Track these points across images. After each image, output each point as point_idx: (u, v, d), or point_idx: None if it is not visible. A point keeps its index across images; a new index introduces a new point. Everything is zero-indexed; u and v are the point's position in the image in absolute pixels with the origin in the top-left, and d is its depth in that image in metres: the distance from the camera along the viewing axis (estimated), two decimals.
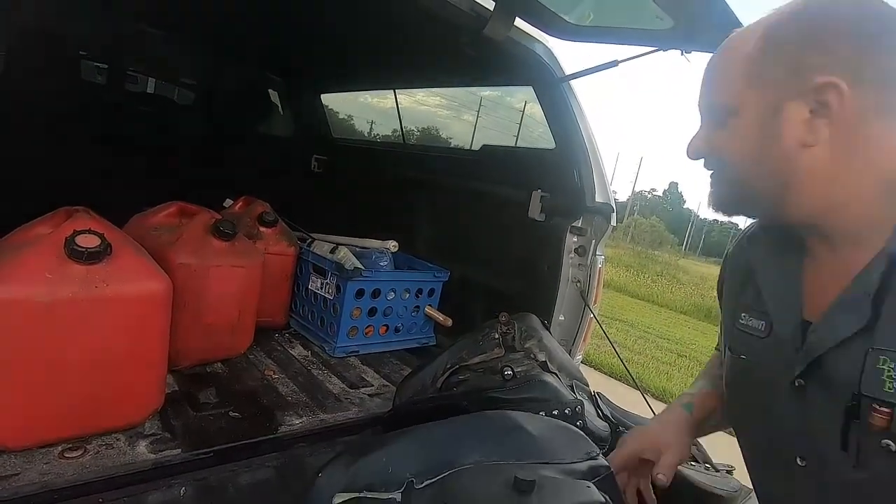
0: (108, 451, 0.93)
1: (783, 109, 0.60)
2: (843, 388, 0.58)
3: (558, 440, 0.77)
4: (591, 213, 1.65)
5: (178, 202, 1.38)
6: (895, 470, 0.55)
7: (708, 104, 0.68)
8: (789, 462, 0.67)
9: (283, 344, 1.62)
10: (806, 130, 0.60)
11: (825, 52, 0.58)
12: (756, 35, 0.63)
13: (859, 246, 0.61)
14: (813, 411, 0.63)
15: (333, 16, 1.96)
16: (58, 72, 2.22)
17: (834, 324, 0.61)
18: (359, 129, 3.61)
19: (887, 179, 0.59)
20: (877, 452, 0.55)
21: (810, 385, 0.63)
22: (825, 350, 0.61)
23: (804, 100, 0.59)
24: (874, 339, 0.56)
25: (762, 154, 0.62)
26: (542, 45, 1.62)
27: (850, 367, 0.58)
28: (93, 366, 0.91)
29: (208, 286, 1.29)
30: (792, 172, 0.61)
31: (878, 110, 0.59)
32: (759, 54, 0.62)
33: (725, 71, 0.65)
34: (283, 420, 1.16)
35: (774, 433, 0.70)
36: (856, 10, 0.60)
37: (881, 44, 0.58)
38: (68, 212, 0.97)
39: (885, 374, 0.54)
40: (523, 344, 1.18)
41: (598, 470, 0.74)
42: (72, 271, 0.87)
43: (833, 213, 0.62)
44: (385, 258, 1.76)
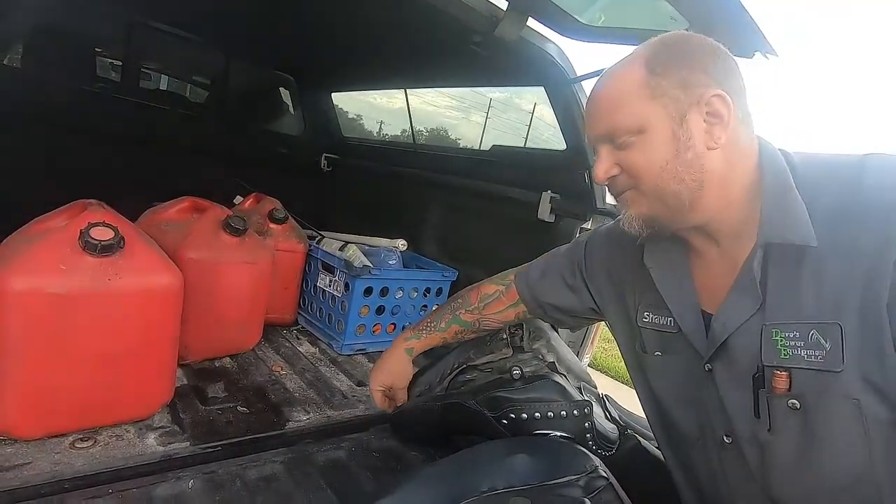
0: (117, 443, 0.94)
1: (687, 118, 0.68)
2: (748, 363, 0.69)
3: (559, 459, 0.78)
4: (601, 215, 1.65)
5: (190, 197, 1.39)
6: (802, 424, 0.64)
7: (608, 131, 0.73)
8: (717, 441, 0.75)
9: (290, 340, 1.63)
10: (708, 136, 0.68)
11: (702, 70, 0.68)
12: (638, 64, 0.70)
13: (740, 240, 0.71)
14: (725, 390, 0.72)
15: (345, 15, 1.97)
16: (73, 68, 2.25)
17: (733, 311, 0.70)
18: (368, 128, 3.62)
19: (751, 179, 0.70)
20: (785, 412, 0.65)
21: (717, 367, 0.73)
22: (728, 335, 0.70)
23: (699, 110, 0.68)
24: (765, 317, 0.67)
25: (677, 158, 0.69)
26: (554, 45, 1.61)
27: (750, 345, 0.68)
28: (104, 358, 0.92)
29: (218, 281, 1.30)
30: (704, 172, 0.69)
31: (741, 118, 0.69)
32: (650, 77, 0.69)
33: (620, 99, 0.71)
34: (291, 416, 1.17)
35: (702, 417, 0.78)
36: (704, 40, 0.71)
37: (729, 63, 0.70)
38: (83, 204, 0.98)
39: (779, 343, 0.65)
40: (531, 345, 1.18)
41: (595, 484, 0.74)
42: (85, 263, 0.88)
43: (723, 212, 0.71)
44: (394, 257, 1.76)
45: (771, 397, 0.66)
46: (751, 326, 0.68)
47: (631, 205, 0.75)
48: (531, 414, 0.94)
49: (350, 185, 2.76)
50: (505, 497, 0.72)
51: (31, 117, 1.99)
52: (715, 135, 0.68)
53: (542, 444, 0.88)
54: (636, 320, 0.86)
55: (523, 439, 0.91)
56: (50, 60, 2.08)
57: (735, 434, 0.72)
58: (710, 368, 0.73)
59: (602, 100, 0.75)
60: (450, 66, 2.20)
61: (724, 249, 0.74)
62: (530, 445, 0.84)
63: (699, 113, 0.68)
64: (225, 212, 1.36)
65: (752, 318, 0.68)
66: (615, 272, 0.93)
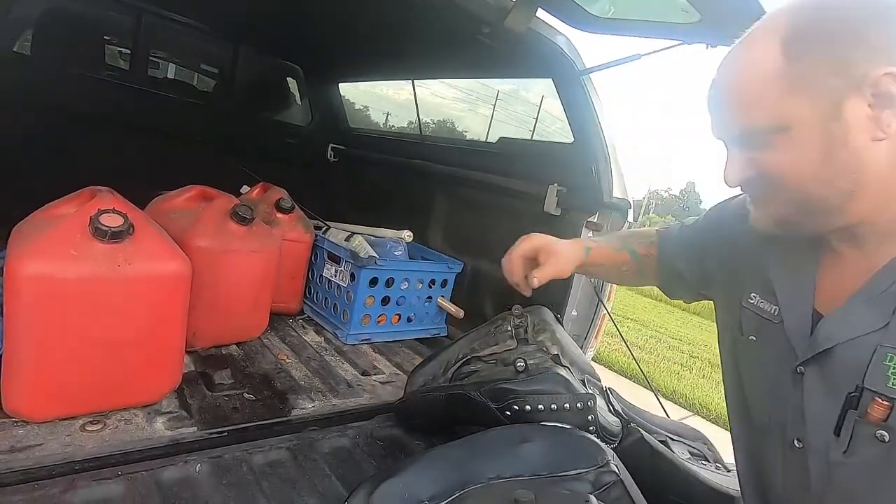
0: (126, 427, 0.96)
1: (843, 110, 0.56)
2: (847, 379, 0.60)
3: (569, 450, 0.78)
4: (607, 208, 1.64)
5: (198, 186, 1.40)
6: (881, 457, 0.57)
7: (742, 130, 0.63)
8: (786, 443, 0.69)
9: (296, 329, 1.64)
10: (874, 125, 0.56)
11: (862, 41, 0.55)
12: (772, 46, 0.58)
13: (884, 245, 0.61)
14: (811, 398, 0.65)
15: (353, 5, 1.96)
16: (83, 55, 2.26)
17: (849, 319, 0.61)
18: (375, 119, 3.61)
19: None
20: (869, 441, 0.58)
21: (810, 372, 0.65)
22: (834, 344, 0.62)
23: (861, 95, 0.55)
24: (886, 337, 0.57)
25: (827, 161, 0.58)
26: (563, 37, 1.60)
27: (856, 361, 0.59)
28: (114, 343, 0.93)
29: (225, 270, 1.31)
30: (861, 172, 0.58)
31: None
32: (789, 64, 0.57)
33: (752, 93, 0.60)
34: (296, 403, 1.18)
35: (775, 414, 0.71)
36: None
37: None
38: (93, 191, 0.99)
39: (891, 370, 0.56)
40: (536, 337, 1.18)
41: (603, 479, 0.74)
42: (96, 249, 0.89)
43: (877, 213, 0.60)
44: (399, 248, 1.77)
45: (860, 422, 0.58)
46: (864, 342, 0.59)
47: (762, 206, 0.66)
48: (535, 406, 0.94)
49: (357, 176, 2.76)
50: (511, 486, 0.71)
51: (41, 105, 2.00)
52: (883, 122, 0.55)
53: (555, 433, 0.86)
54: (742, 300, 0.77)
55: (538, 427, 0.89)
56: (59, 48, 2.09)
57: (806, 442, 0.66)
58: (801, 371, 0.66)
59: (730, 94, 0.63)
60: (458, 58, 2.19)
61: (862, 250, 0.64)
62: (544, 434, 0.84)
63: (861, 98, 0.55)
64: (232, 201, 1.37)
65: (869, 334, 0.59)
66: (735, 247, 0.82)
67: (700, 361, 5.79)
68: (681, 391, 4.27)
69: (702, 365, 5.63)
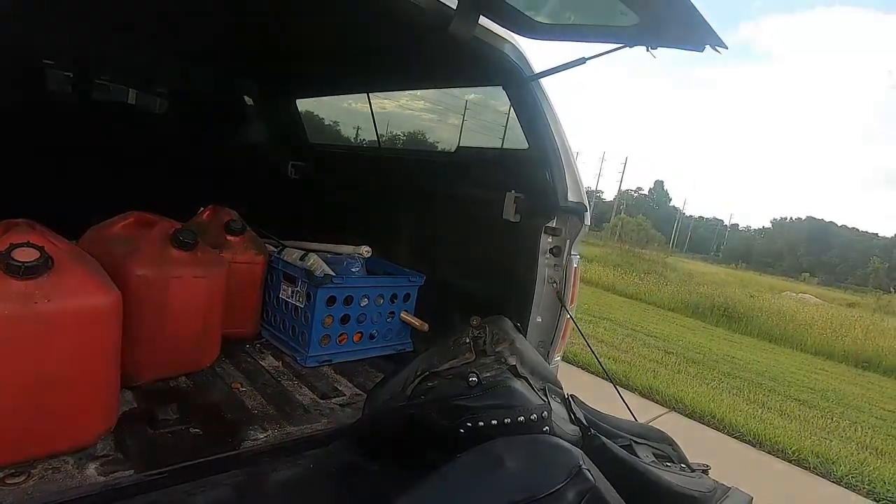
0: (54, 476, 0.89)
1: None
2: None
3: (541, 465, 0.75)
4: (564, 213, 1.64)
5: (135, 212, 1.34)
6: None
7: None
8: None
9: (252, 355, 1.58)
10: None
11: None
12: None
13: None
14: None
15: (303, 19, 1.93)
16: (21, 81, 2.16)
17: None
18: (335, 133, 3.57)
19: None
20: None
21: None
22: None
23: None
24: None
25: None
26: (510, 44, 1.60)
27: None
28: (35, 386, 0.87)
29: (169, 298, 1.25)
30: None
31: None
32: None
33: None
34: (247, 434, 1.12)
35: None
36: None
37: None
38: (7, 225, 0.93)
39: None
40: (494, 348, 1.16)
41: (584, 490, 0.72)
42: (9, 287, 0.83)
43: None
44: (357, 264, 1.72)
45: None
46: None
47: None
48: (488, 422, 0.91)
49: (318, 193, 2.71)
50: None
51: None
52: None
53: (525, 446, 0.85)
54: None
55: (506, 443, 0.86)
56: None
57: None
58: None
59: None
60: (410, 68, 2.18)
61: None
62: (514, 450, 0.81)
63: None
64: (174, 225, 1.31)
65: None
66: None
67: (675, 357, 5.87)
68: (657, 388, 4.30)
69: (677, 361, 5.71)
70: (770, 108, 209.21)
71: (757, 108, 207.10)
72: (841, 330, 9.73)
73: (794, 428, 4.04)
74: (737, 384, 5.20)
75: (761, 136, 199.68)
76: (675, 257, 31.19)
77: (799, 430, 4.00)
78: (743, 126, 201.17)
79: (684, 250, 66.15)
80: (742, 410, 4.21)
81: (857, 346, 8.65)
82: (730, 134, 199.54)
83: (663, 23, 1.22)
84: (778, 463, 3.35)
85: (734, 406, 4.29)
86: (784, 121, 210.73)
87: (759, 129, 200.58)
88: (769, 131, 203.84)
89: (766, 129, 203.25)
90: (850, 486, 3.17)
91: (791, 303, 13.69)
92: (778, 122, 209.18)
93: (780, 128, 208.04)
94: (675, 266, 21.27)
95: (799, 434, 3.88)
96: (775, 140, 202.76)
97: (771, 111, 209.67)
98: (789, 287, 27.08)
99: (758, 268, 57.34)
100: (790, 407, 4.73)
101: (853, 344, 8.78)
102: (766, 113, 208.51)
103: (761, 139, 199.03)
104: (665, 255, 25.38)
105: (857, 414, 5.04)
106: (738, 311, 10.16)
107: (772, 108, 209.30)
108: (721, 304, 10.47)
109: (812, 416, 4.53)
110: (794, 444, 3.55)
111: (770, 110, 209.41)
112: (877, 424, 4.78)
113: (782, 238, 77.85)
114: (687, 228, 78.25)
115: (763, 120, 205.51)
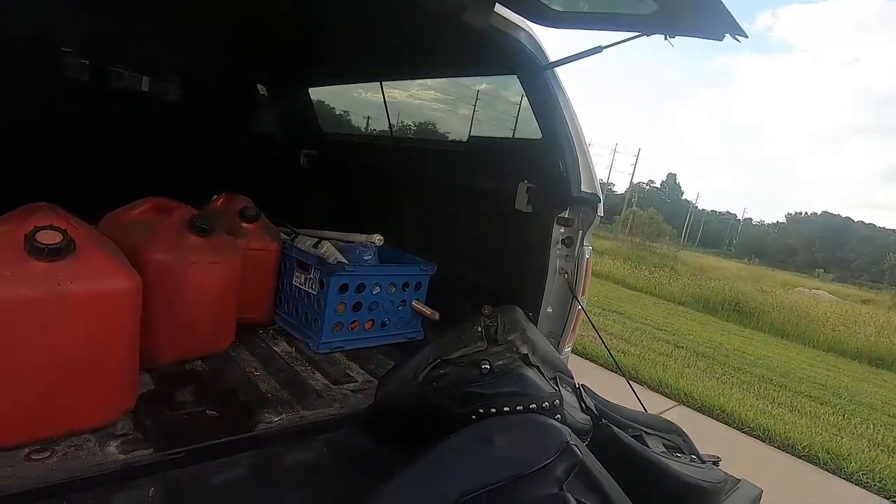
0: (76, 453, 0.91)
1: None
2: None
3: (530, 442, 0.76)
4: (577, 203, 1.63)
5: (153, 198, 1.36)
6: None
7: None
8: None
9: (266, 340, 1.60)
10: None
11: None
12: None
13: None
14: None
15: (318, 7, 1.93)
16: (39, 68, 2.18)
17: None
18: (347, 122, 3.57)
19: None
20: None
21: None
22: None
23: None
24: None
25: None
26: (525, 32, 1.58)
27: None
28: (58, 366, 0.89)
29: (185, 283, 1.27)
30: None
31: None
32: None
33: None
34: (262, 417, 1.14)
35: None
36: None
37: None
38: (32, 208, 0.95)
39: None
40: (506, 337, 1.16)
41: (572, 465, 0.72)
42: (33, 269, 0.85)
43: None
44: (369, 252, 1.73)
45: None
46: None
47: None
48: (500, 409, 0.92)
49: (329, 181, 2.72)
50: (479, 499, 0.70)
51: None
52: None
53: (514, 425, 0.86)
54: None
55: (496, 421, 0.89)
56: (12, 60, 2.02)
57: None
58: None
59: None
60: (424, 57, 2.17)
61: None
62: (504, 428, 0.83)
63: None
64: (191, 212, 1.33)
65: None
66: None
67: (685, 351, 5.84)
68: (666, 381, 4.29)
69: (686, 355, 5.68)
70: (788, 99, 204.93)
71: (774, 100, 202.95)
72: (854, 327, 9.59)
73: (804, 424, 4.01)
74: (747, 379, 5.17)
75: (778, 129, 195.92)
76: (686, 251, 30.89)
77: (810, 427, 3.96)
78: (759, 118, 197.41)
79: (696, 244, 65.49)
80: (752, 405, 4.18)
81: (870, 344, 8.53)
82: (745, 126, 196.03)
83: (682, 11, 1.21)
84: (788, 458, 3.33)
85: (744, 401, 4.27)
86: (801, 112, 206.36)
87: (775, 122, 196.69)
88: (786, 124, 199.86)
89: (783, 122, 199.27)
90: (861, 483, 3.14)
91: (804, 299, 13.51)
92: (795, 115, 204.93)
93: (797, 120, 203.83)
94: (686, 260, 21.07)
95: (810, 430, 3.85)
96: (792, 133, 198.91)
97: (788, 103, 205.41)
98: (803, 283, 26.70)
99: (771, 263, 56.58)
100: (801, 403, 4.69)
101: (866, 341, 8.65)
102: (783, 105, 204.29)
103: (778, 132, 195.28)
104: (676, 248, 25.16)
105: (870, 411, 4.99)
106: (750, 307, 10.05)
107: (789, 100, 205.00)
108: (732, 298, 10.36)
109: (823, 413, 4.49)
110: (804, 440, 3.52)
111: (788, 102, 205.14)
112: (889, 422, 4.72)
113: (797, 233, 76.67)
114: (699, 222, 77.38)
115: (780, 112, 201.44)
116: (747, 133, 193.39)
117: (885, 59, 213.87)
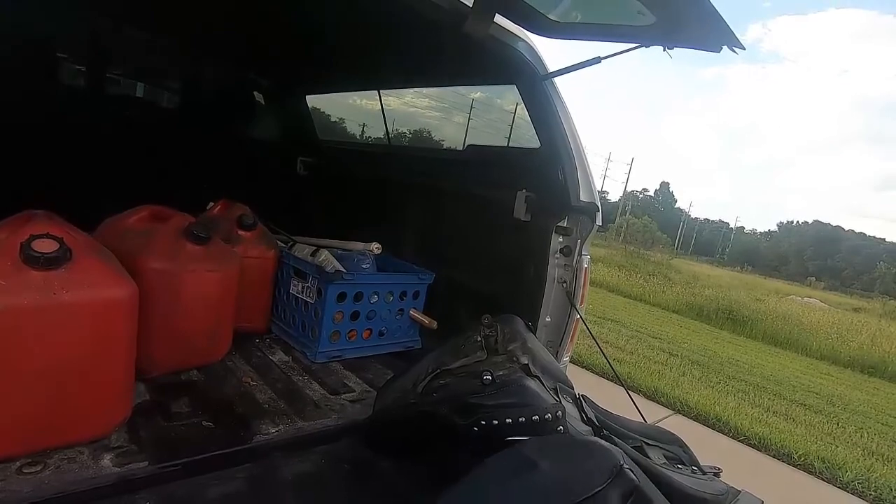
0: (69, 466, 0.89)
1: None
2: None
3: (577, 465, 0.71)
4: (576, 212, 1.63)
5: (149, 206, 1.34)
6: None
7: None
8: None
9: (263, 350, 1.58)
10: None
11: None
12: None
13: None
14: None
15: (317, 16, 1.93)
16: (34, 74, 2.17)
17: None
18: (345, 130, 3.57)
19: None
20: None
21: None
22: None
23: None
24: None
25: None
26: (524, 42, 1.59)
27: None
28: (52, 376, 0.87)
29: (182, 291, 1.25)
30: None
31: None
32: None
33: None
34: (259, 429, 1.13)
35: None
36: None
37: None
38: (28, 216, 0.93)
39: None
40: (506, 347, 1.15)
41: (629, 490, 0.68)
42: (28, 277, 0.84)
43: None
44: (367, 261, 1.72)
45: None
46: None
47: None
48: (502, 420, 0.91)
49: (326, 189, 2.71)
50: None
51: None
52: None
53: (557, 447, 0.80)
54: None
55: (536, 443, 0.82)
56: (7, 65, 2.00)
57: None
58: None
59: None
60: (422, 66, 2.18)
61: None
62: (546, 451, 0.77)
63: None
64: (188, 219, 1.32)
65: None
66: None
67: (680, 359, 5.85)
68: (662, 390, 4.29)
69: (681, 363, 5.68)
70: (780, 109, 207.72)
71: (766, 109, 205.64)
72: (847, 335, 9.66)
73: (799, 432, 4.02)
74: (742, 387, 5.18)
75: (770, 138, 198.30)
76: (680, 259, 31.06)
77: (805, 435, 3.97)
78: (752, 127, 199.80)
79: (689, 252, 65.88)
80: (747, 414, 4.19)
81: (862, 352, 8.59)
82: (738, 135, 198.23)
83: (681, 23, 1.22)
84: (784, 468, 3.33)
85: (739, 409, 4.27)
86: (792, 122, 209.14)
87: (767, 131, 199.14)
88: (778, 133, 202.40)
89: (775, 131, 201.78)
90: (857, 493, 3.15)
91: (796, 307, 13.61)
92: (787, 124, 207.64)
93: (789, 130, 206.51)
94: (679, 268, 21.19)
95: (805, 438, 3.86)
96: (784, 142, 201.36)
97: (781, 112, 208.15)
98: (795, 291, 26.91)
99: (763, 271, 56.98)
100: (795, 411, 4.70)
101: (859, 349, 8.71)
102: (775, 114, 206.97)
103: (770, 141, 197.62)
104: (670, 256, 25.29)
105: (863, 419, 5.01)
106: (743, 315, 10.10)
107: (782, 110, 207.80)
108: (726, 307, 10.41)
109: (818, 421, 4.50)
110: (799, 449, 3.53)
111: (780, 111, 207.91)
112: (883, 430, 4.74)
113: (788, 242, 77.37)
114: (692, 230, 77.93)
115: (772, 121, 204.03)
116: (740, 142, 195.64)
117: (876, 70, 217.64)
